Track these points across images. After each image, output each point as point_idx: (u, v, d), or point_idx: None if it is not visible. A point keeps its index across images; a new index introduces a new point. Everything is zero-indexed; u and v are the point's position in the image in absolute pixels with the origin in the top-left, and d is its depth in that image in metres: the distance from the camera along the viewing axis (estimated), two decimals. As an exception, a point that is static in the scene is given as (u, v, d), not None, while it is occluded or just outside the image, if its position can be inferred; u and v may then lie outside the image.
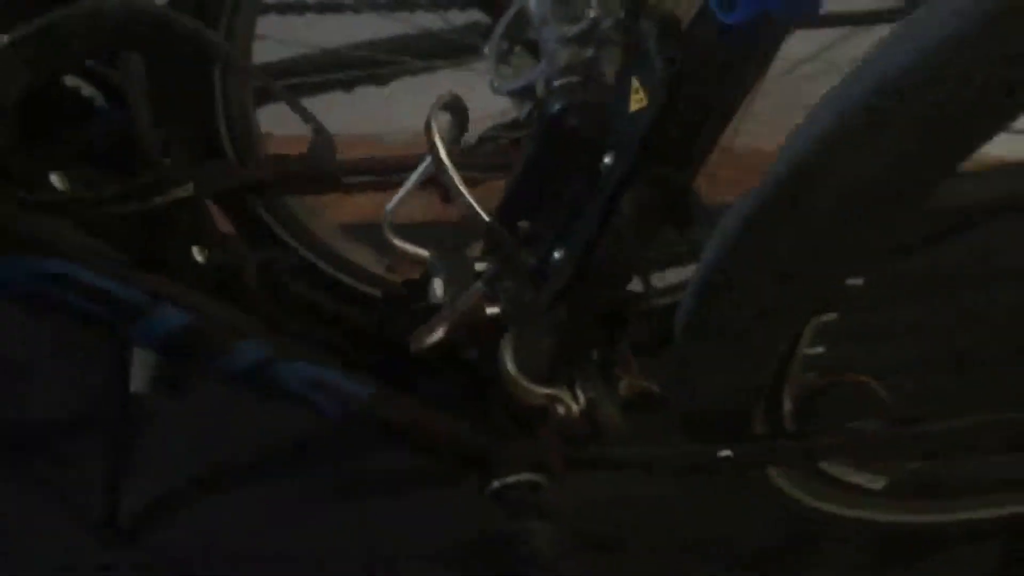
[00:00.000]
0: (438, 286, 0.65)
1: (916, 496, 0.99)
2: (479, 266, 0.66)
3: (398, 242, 0.64)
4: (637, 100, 0.55)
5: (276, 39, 0.96)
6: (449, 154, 0.56)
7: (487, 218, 0.56)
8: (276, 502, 1.08)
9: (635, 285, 0.75)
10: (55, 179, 0.51)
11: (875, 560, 1.02)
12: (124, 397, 1.05)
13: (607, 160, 0.58)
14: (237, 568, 1.02)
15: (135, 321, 0.56)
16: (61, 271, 0.53)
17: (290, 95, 0.62)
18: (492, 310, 0.65)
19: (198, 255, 0.58)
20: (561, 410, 0.72)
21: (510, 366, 0.70)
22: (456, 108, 0.59)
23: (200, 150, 0.94)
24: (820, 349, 0.78)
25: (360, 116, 1.06)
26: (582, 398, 0.73)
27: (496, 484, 0.76)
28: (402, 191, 0.62)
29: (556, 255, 0.64)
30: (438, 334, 0.62)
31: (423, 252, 0.65)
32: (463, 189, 0.55)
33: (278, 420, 1.08)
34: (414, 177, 0.60)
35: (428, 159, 0.60)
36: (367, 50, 1.00)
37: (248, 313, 0.60)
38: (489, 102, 1.03)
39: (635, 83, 0.55)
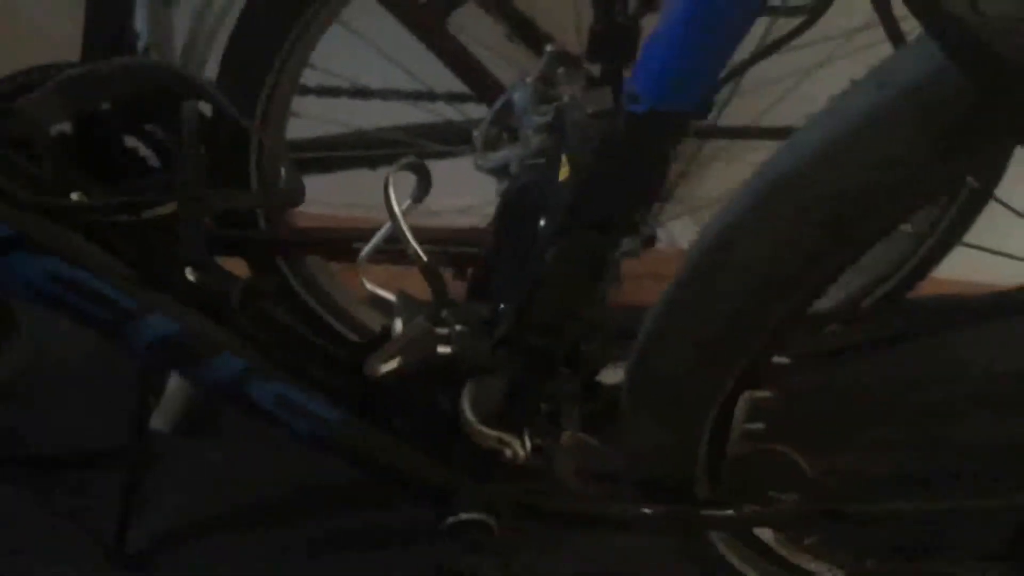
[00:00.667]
0: (398, 324, 0.74)
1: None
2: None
3: (369, 285, 0.74)
4: (564, 172, 0.65)
5: (312, 117, 1.09)
6: (405, 212, 0.66)
7: (425, 259, 0.65)
8: (275, 545, 1.16)
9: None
10: (74, 196, 0.62)
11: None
12: (144, 433, 1.16)
13: (542, 223, 0.68)
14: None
15: (128, 325, 0.67)
16: (69, 274, 0.63)
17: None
18: (444, 349, 0.74)
19: (190, 275, 0.68)
20: (509, 454, 0.80)
21: (467, 409, 0.79)
22: (419, 170, 0.69)
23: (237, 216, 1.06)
24: (760, 425, 0.85)
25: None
26: (528, 445, 0.80)
27: (451, 520, 0.84)
28: (374, 240, 0.72)
29: (503, 306, 0.73)
30: (390, 362, 0.71)
31: (391, 296, 0.74)
32: (410, 238, 0.65)
33: (287, 469, 1.18)
34: (384, 230, 0.70)
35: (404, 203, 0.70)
36: (392, 134, 1.12)
37: (230, 331, 0.70)
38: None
39: (564, 158, 0.65)
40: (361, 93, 1.09)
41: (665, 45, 0.59)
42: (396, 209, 0.64)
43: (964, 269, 1.23)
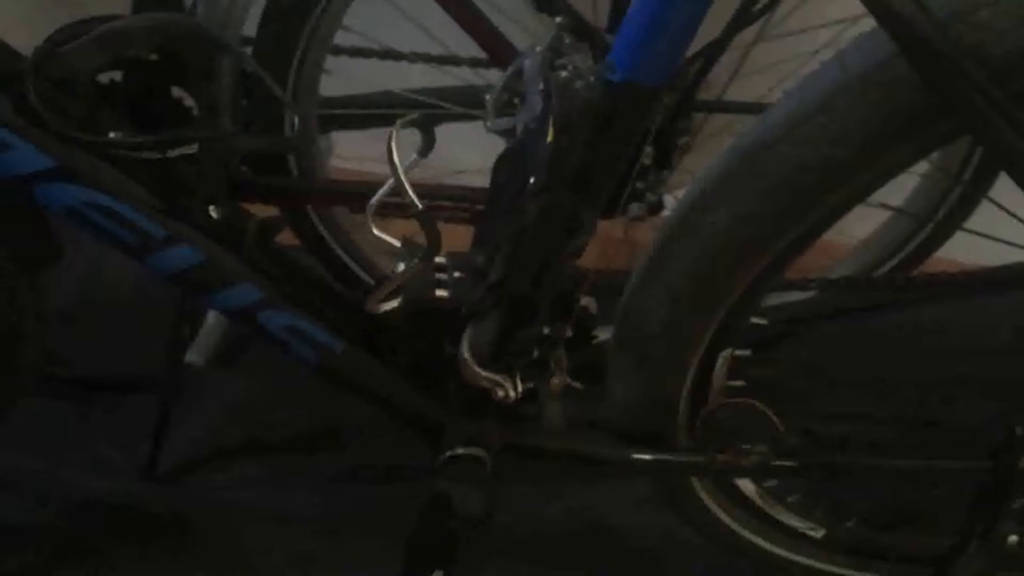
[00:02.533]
0: (400, 268, 0.81)
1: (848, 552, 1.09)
2: (439, 259, 0.83)
3: (376, 232, 0.81)
4: (550, 134, 0.71)
5: (344, 76, 1.16)
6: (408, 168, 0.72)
7: (420, 207, 0.72)
8: (296, 473, 1.25)
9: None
10: (112, 135, 0.70)
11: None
12: (178, 364, 1.25)
13: (531, 180, 0.74)
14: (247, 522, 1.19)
15: (156, 252, 0.75)
16: (104, 202, 0.71)
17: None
18: (441, 293, 0.81)
19: (213, 212, 0.76)
20: (500, 394, 0.87)
21: (464, 350, 0.86)
22: (424, 126, 0.76)
23: (271, 165, 1.14)
24: (740, 382, 0.91)
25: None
26: (520, 387, 0.87)
27: (447, 454, 0.91)
28: (381, 191, 0.79)
29: (496, 255, 0.80)
30: (389, 299, 0.78)
31: (396, 241, 0.81)
32: (408, 188, 0.71)
33: (310, 403, 1.27)
34: (391, 182, 0.77)
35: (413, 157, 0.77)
36: (417, 95, 1.18)
37: (247, 264, 0.78)
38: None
39: (550, 120, 0.71)
40: (390, 55, 1.15)
41: (638, 20, 0.65)
42: (397, 162, 0.71)
43: (965, 253, 1.28)
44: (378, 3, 1.09)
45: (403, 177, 0.71)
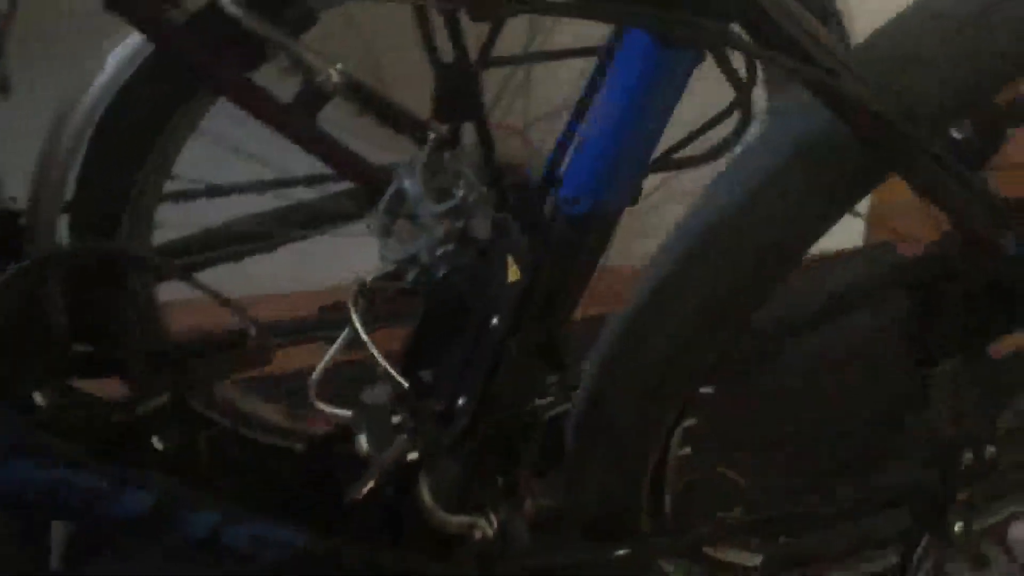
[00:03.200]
0: (362, 440, 0.75)
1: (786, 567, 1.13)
2: (394, 419, 0.77)
3: (323, 407, 0.74)
4: (513, 272, 0.68)
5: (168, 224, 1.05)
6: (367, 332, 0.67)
7: (406, 385, 0.67)
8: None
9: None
10: (37, 397, 0.60)
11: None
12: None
13: (494, 321, 0.70)
14: None
15: (102, 505, 0.65)
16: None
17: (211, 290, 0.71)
18: (412, 455, 0.75)
19: (157, 443, 0.67)
20: (478, 535, 0.82)
21: (427, 500, 0.80)
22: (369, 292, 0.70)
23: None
24: (687, 450, 0.91)
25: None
26: (495, 521, 0.83)
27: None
28: (323, 363, 0.73)
29: (459, 401, 0.75)
30: (370, 483, 0.72)
31: (346, 413, 0.75)
32: (383, 362, 0.66)
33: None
34: (333, 350, 0.71)
35: (345, 332, 0.71)
36: (253, 224, 1.10)
37: (199, 484, 0.69)
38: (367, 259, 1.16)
39: (509, 260, 0.68)
40: (222, 191, 1.06)
41: (599, 149, 0.63)
42: (364, 335, 0.66)
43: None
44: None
45: (372, 345, 0.66)
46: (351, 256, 1.14)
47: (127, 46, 0.88)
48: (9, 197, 0.96)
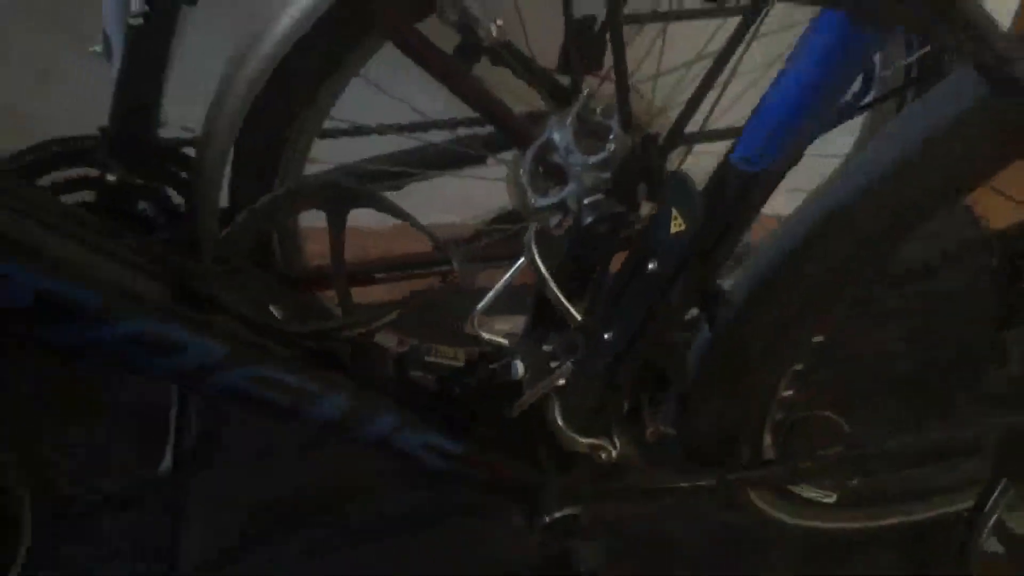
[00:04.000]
0: (518, 366, 0.84)
1: (857, 506, 1.22)
2: (545, 348, 0.86)
3: (484, 334, 0.84)
4: (677, 224, 0.76)
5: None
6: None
7: (579, 318, 0.76)
8: (318, 544, 1.24)
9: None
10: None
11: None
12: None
13: (651, 266, 0.79)
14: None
15: (308, 407, 0.75)
16: (266, 374, 0.72)
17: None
18: (561, 382, 0.85)
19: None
20: (603, 456, 0.91)
21: (559, 420, 0.90)
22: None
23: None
24: (790, 392, 1.00)
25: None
26: (617, 444, 0.92)
27: (546, 519, 0.95)
28: (490, 296, 0.82)
29: (606, 336, 0.84)
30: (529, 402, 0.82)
31: (504, 341, 0.84)
32: (562, 298, 0.75)
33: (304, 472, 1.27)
34: (501, 283, 0.80)
35: (518, 263, 0.81)
36: (385, 163, 1.19)
37: (384, 391, 0.79)
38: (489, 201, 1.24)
39: (674, 212, 0.76)
40: (362, 131, 1.15)
41: (781, 116, 0.71)
42: (546, 275, 0.75)
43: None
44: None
45: (554, 286, 0.75)
46: (474, 196, 1.24)
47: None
48: (183, 127, 1.05)
